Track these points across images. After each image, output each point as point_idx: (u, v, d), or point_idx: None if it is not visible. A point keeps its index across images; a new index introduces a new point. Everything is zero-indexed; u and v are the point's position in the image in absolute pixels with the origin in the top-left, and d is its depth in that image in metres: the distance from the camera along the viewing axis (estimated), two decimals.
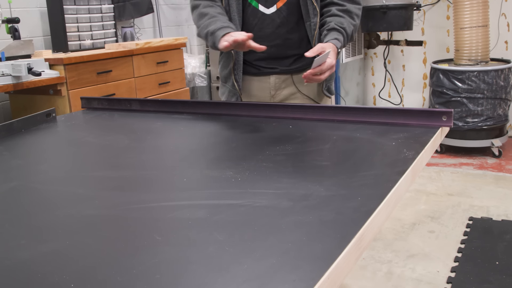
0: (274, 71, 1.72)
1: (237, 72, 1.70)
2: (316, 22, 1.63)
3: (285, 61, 1.71)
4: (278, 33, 1.66)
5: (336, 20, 1.61)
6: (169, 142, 1.29)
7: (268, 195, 0.84)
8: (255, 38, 1.64)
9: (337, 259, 0.62)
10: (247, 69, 1.73)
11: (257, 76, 1.74)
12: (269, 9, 1.64)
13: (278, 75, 1.73)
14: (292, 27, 1.66)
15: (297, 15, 1.65)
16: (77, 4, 3.14)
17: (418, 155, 0.99)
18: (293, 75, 1.73)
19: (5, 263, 0.67)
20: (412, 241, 2.65)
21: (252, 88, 1.76)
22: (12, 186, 0.98)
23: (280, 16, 1.64)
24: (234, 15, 1.65)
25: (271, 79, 1.73)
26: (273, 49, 1.67)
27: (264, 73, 1.73)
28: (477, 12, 3.80)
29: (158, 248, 0.68)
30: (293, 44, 1.68)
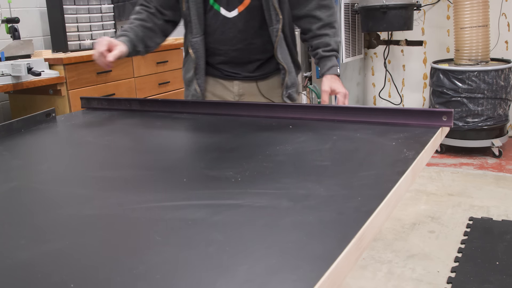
0: (237, 76, 1.71)
1: (199, 76, 1.69)
2: (278, 28, 1.60)
3: (248, 66, 1.70)
4: (240, 37, 1.64)
5: (322, 44, 1.64)
6: (169, 142, 1.29)
7: (268, 195, 0.84)
8: (218, 41, 1.66)
9: (337, 259, 0.62)
10: (211, 71, 1.72)
11: (221, 79, 1.73)
12: (230, 12, 1.61)
13: (242, 82, 1.72)
14: (255, 31, 1.64)
15: (259, 20, 1.62)
16: (76, 4, 3.13)
17: (418, 155, 0.99)
18: (258, 82, 1.72)
19: (5, 263, 0.67)
20: (412, 241, 2.65)
21: (217, 90, 1.74)
22: (12, 186, 0.98)
23: (241, 20, 1.62)
24: (194, 18, 1.62)
25: (234, 85, 1.72)
26: (236, 53, 1.67)
27: (228, 77, 1.72)
28: (477, 12, 3.80)
29: (158, 248, 0.68)
30: (256, 49, 1.67)
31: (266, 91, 1.72)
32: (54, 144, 1.37)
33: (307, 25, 1.66)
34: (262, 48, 1.66)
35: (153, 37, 1.67)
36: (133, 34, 1.61)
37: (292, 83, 1.70)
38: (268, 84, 1.72)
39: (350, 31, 4.33)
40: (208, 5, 1.62)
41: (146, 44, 1.65)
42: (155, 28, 1.67)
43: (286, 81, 1.67)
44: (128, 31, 1.62)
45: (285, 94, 1.70)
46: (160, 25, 1.69)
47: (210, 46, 1.68)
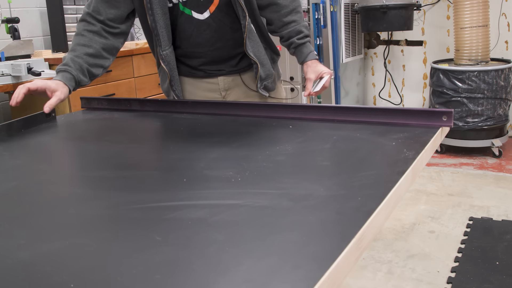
0: (221, 72, 1.71)
1: (176, 87, 1.68)
2: (245, 24, 1.59)
3: (231, 62, 1.70)
4: (217, 36, 1.64)
5: (294, 32, 1.65)
6: (168, 142, 1.29)
7: (268, 195, 0.84)
8: (195, 44, 1.65)
9: (337, 259, 0.62)
10: (194, 72, 1.72)
11: (204, 78, 1.73)
12: (202, 14, 1.60)
13: (226, 76, 1.72)
14: (230, 28, 1.64)
15: (232, 15, 1.62)
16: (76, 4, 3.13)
17: (418, 155, 0.99)
18: (242, 75, 1.72)
19: (5, 263, 0.67)
20: (412, 241, 2.65)
21: (200, 90, 1.73)
22: (12, 186, 0.98)
23: (215, 20, 1.61)
24: (162, 31, 1.58)
25: (219, 80, 1.72)
26: (216, 53, 1.66)
27: (212, 75, 1.72)
28: (477, 12, 3.80)
29: (158, 248, 0.68)
30: (234, 44, 1.66)
31: (250, 82, 1.73)
32: (54, 144, 1.37)
33: (272, 14, 1.67)
34: (240, 42, 1.66)
35: (100, 63, 1.58)
36: (76, 69, 1.51)
37: (267, 75, 1.69)
38: (251, 75, 1.73)
39: (350, 31, 4.33)
40: (178, 12, 1.60)
41: (92, 74, 1.57)
42: (101, 52, 1.57)
43: (259, 74, 1.67)
44: (69, 65, 1.51)
45: (260, 86, 1.70)
46: (107, 44, 1.59)
47: (188, 51, 1.67)
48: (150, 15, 1.56)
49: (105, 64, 1.61)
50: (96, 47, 1.57)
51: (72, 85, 1.51)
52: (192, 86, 1.74)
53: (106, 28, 1.59)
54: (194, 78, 1.73)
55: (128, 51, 3.14)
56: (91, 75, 1.57)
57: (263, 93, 1.71)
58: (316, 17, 4.01)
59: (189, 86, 1.74)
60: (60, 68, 1.52)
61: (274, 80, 1.75)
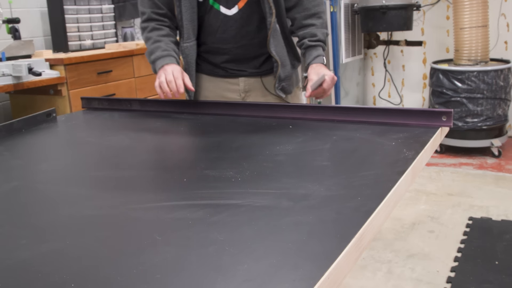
0: (243, 73, 1.71)
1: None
2: (271, 21, 1.60)
3: (254, 62, 1.69)
4: (243, 33, 1.64)
5: (309, 34, 1.64)
6: (169, 142, 1.29)
7: (268, 195, 0.84)
8: (220, 40, 1.66)
9: (337, 259, 0.62)
10: (215, 70, 1.72)
11: (225, 78, 1.72)
12: (230, 10, 1.62)
13: (247, 78, 1.71)
14: (256, 26, 1.64)
15: (259, 14, 1.63)
16: (77, 4, 3.13)
17: (418, 155, 0.99)
18: (263, 78, 1.72)
19: (5, 262, 0.67)
20: (412, 241, 2.65)
21: (219, 90, 1.73)
22: (13, 186, 0.98)
23: (243, 17, 1.62)
24: (186, 23, 1.61)
25: (240, 82, 1.72)
26: (240, 50, 1.67)
27: (233, 75, 1.71)
28: (476, 12, 3.80)
29: (158, 248, 0.69)
30: (259, 44, 1.66)
31: (270, 86, 1.72)
32: (55, 144, 1.37)
33: (295, 14, 1.67)
34: (265, 42, 1.66)
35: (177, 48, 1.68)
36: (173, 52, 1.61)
37: (286, 76, 1.69)
38: (272, 79, 1.71)
39: (350, 31, 4.33)
40: (207, 6, 1.62)
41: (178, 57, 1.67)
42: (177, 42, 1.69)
43: (279, 73, 1.67)
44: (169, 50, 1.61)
45: (278, 87, 1.69)
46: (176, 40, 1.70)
47: (213, 46, 1.68)
48: (177, 7, 1.61)
49: None
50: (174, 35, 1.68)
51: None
52: (211, 84, 1.73)
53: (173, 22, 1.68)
54: (215, 76, 1.73)
55: (129, 51, 3.14)
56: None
57: (280, 94, 1.70)
58: None
59: (209, 83, 1.73)
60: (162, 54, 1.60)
61: (292, 84, 1.74)
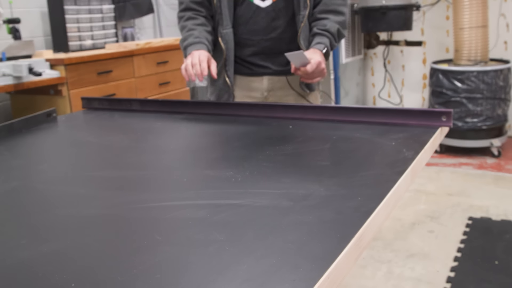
0: (267, 71, 1.70)
1: (229, 68, 1.68)
2: (305, 15, 1.61)
3: (280, 59, 1.67)
4: (273, 26, 1.65)
5: (319, 24, 1.63)
6: (169, 142, 1.29)
7: (268, 195, 0.84)
8: (250, 31, 1.66)
9: (337, 259, 0.62)
10: (238, 68, 1.71)
11: (249, 76, 1.72)
12: (264, 1, 1.63)
13: (271, 77, 1.70)
14: (287, 20, 1.64)
15: (292, 8, 1.64)
16: (77, 5, 3.14)
17: (418, 155, 0.99)
18: (288, 76, 1.70)
19: (5, 263, 0.68)
20: (411, 240, 2.65)
21: (244, 88, 1.73)
22: (13, 186, 0.98)
23: (275, 9, 1.63)
24: (225, 10, 1.63)
25: (264, 81, 1.71)
26: (268, 43, 1.66)
27: (257, 73, 1.71)
28: (476, 13, 3.80)
29: (158, 248, 0.69)
30: (287, 39, 1.66)
31: (296, 82, 1.70)
32: (55, 144, 1.37)
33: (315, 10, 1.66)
34: (294, 37, 1.65)
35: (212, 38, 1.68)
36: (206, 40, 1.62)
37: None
38: (297, 78, 1.69)
39: (350, 32, 4.33)
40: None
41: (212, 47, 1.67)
42: (212, 30, 1.69)
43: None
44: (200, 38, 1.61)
45: (303, 82, 1.66)
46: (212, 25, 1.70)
47: (242, 37, 1.68)
48: None
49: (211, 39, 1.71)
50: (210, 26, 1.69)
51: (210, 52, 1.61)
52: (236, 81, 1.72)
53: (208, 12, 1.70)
54: (239, 75, 1.72)
55: (129, 51, 3.14)
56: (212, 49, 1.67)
57: (304, 89, 1.69)
58: None
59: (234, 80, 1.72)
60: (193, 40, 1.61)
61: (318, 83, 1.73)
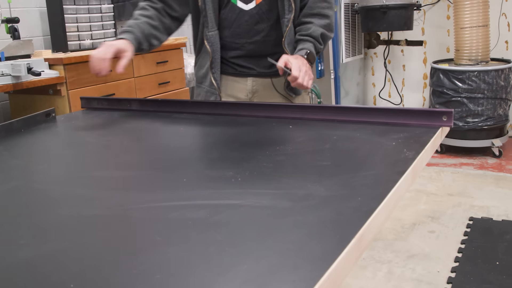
0: (251, 72, 1.70)
1: (215, 70, 1.67)
2: (290, 18, 1.60)
3: (264, 61, 1.66)
4: (257, 29, 1.64)
5: (303, 29, 1.61)
6: (169, 142, 1.29)
7: (268, 195, 0.84)
8: (235, 35, 1.65)
9: (337, 259, 0.62)
10: (224, 68, 1.70)
11: (234, 76, 1.71)
12: (247, 4, 1.62)
13: (256, 78, 1.70)
14: (272, 24, 1.63)
15: (276, 12, 1.62)
16: (76, 4, 3.13)
17: (419, 155, 0.99)
18: (273, 78, 1.70)
19: (5, 263, 0.67)
20: (412, 241, 2.65)
21: (229, 88, 1.72)
22: (12, 186, 0.98)
23: (259, 12, 1.62)
24: (209, 12, 1.62)
25: (248, 82, 1.70)
26: (252, 46, 1.66)
27: (242, 74, 1.70)
28: (477, 12, 3.80)
29: (158, 248, 0.68)
30: (272, 42, 1.65)
31: (281, 86, 1.70)
32: (54, 144, 1.37)
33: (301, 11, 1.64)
34: (278, 41, 1.65)
35: (158, 35, 1.65)
36: (139, 31, 1.58)
37: None
38: (282, 80, 1.69)
39: (350, 31, 4.33)
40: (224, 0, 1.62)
41: (151, 43, 1.63)
42: (160, 27, 1.65)
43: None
44: (133, 27, 1.58)
45: (288, 86, 1.66)
46: (166, 24, 1.67)
47: (226, 40, 1.67)
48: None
49: (162, 38, 1.68)
50: (157, 21, 1.64)
51: (135, 45, 1.56)
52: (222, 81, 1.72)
53: (167, 9, 1.67)
54: (224, 74, 1.71)
55: None
56: (150, 44, 1.63)
57: (289, 93, 1.69)
58: None
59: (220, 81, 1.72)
60: (125, 29, 1.58)
61: None
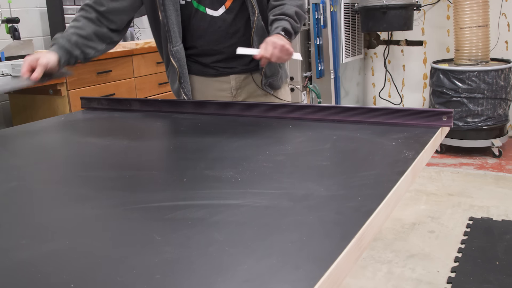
0: (233, 70, 1.70)
1: (185, 85, 1.66)
2: (254, 20, 1.59)
3: (243, 59, 1.67)
4: (232, 32, 1.63)
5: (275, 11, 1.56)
6: (169, 142, 1.29)
7: (268, 195, 0.84)
8: (211, 42, 1.64)
9: (337, 259, 0.62)
10: (205, 70, 1.70)
11: (216, 77, 1.71)
12: (217, 10, 1.60)
13: (238, 75, 1.70)
14: (244, 23, 1.63)
15: (246, 11, 1.61)
16: (77, 4, 3.13)
17: (418, 155, 0.99)
18: (253, 74, 1.71)
19: (5, 263, 0.67)
20: (412, 241, 2.65)
21: (210, 89, 1.72)
22: (12, 186, 0.98)
23: (230, 16, 1.61)
24: (173, 27, 1.58)
25: (231, 79, 1.70)
26: (230, 49, 1.64)
27: (224, 73, 1.70)
28: (477, 12, 3.80)
29: (158, 248, 0.68)
30: (248, 40, 1.64)
31: (260, 82, 1.72)
32: (54, 144, 1.37)
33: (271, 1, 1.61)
34: None
35: (91, 44, 1.58)
36: (65, 41, 1.52)
37: (272, 73, 1.68)
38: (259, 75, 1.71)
39: (350, 31, 4.33)
40: (192, 9, 1.59)
41: (83, 50, 1.56)
42: (92, 36, 1.58)
43: (264, 69, 1.65)
44: (58, 39, 1.53)
45: (265, 83, 1.68)
46: (100, 32, 1.60)
47: (204, 49, 1.66)
48: (162, 11, 1.57)
49: (97, 47, 1.60)
50: (88, 31, 1.57)
51: (62, 54, 1.50)
52: (202, 85, 1.72)
53: (102, 20, 1.60)
54: (205, 76, 1.71)
55: (128, 51, 3.14)
56: (83, 52, 1.57)
57: (267, 90, 1.70)
58: (316, 17, 4.01)
59: (199, 84, 1.72)
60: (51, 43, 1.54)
61: (280, 79, 1.73)
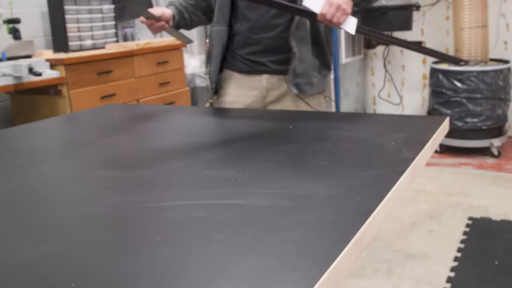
0: (266, 69, 1.69)
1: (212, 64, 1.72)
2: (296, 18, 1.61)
3: (279, 56, 1.66)
4: (273, 24, 1.64)
5: None
6: (169, 142, 1.29)
7: (268, 195, 0.84)
8: (251, 30, 1.66)
9: (336, 259, 0.62)
10: (237, 65, 1.71)
11: (249, 75, 1.71)
12: None
13: (271, 75, 1.69)
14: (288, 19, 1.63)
15: None
16: (78, 5, 3.14)
17: (418, 155, 0.99)
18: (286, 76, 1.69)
19: (6, 262, 0.68)
20: (411, 240, 2.65)
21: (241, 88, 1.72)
22: (13, 186, 0.99)
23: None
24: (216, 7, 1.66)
25: (263, 79, 1.69)
26: (268, 41, 1.65)
27: (257, 71, 1.70)
28: (476, 13, 3.80)
29: (158, 248, 0.69)
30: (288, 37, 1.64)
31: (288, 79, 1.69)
32: (55, 144, 1.37)
33: None
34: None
35: (196, 12, 1.73)
36: (178, 4, 1.68)
37: (302, 72, 1.64)
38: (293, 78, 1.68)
39: None
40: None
41: (191, 16, 1.71)
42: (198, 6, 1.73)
43: (294, 66, 1.62)
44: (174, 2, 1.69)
45: (292, 81, 1.64)
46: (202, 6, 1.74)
47: (244, 36, 1.67)
48: None
49: (200, 16, 1.76)
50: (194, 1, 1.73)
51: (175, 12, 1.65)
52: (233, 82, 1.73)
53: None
54: (238, 73, 1.72)
55: (129, 51, 3.14)
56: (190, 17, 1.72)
57: (292, 89, 1.65)
58: None
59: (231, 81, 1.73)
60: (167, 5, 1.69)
61: (311, 85, 1.67)
